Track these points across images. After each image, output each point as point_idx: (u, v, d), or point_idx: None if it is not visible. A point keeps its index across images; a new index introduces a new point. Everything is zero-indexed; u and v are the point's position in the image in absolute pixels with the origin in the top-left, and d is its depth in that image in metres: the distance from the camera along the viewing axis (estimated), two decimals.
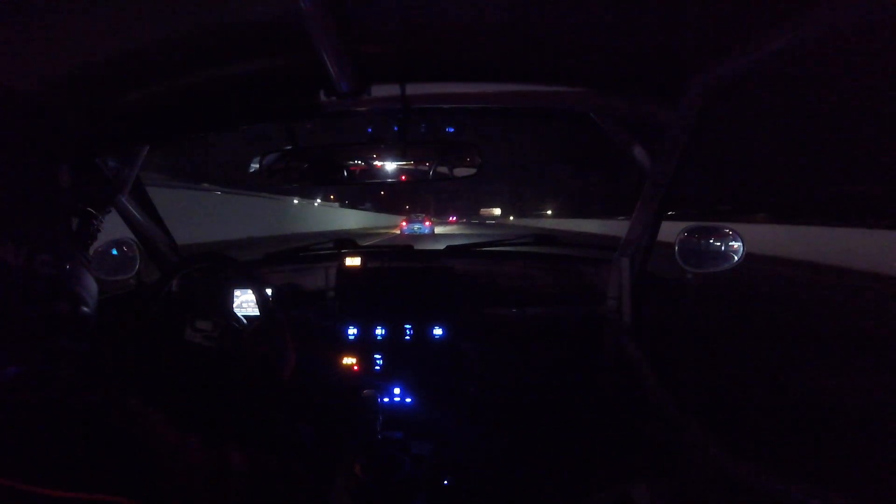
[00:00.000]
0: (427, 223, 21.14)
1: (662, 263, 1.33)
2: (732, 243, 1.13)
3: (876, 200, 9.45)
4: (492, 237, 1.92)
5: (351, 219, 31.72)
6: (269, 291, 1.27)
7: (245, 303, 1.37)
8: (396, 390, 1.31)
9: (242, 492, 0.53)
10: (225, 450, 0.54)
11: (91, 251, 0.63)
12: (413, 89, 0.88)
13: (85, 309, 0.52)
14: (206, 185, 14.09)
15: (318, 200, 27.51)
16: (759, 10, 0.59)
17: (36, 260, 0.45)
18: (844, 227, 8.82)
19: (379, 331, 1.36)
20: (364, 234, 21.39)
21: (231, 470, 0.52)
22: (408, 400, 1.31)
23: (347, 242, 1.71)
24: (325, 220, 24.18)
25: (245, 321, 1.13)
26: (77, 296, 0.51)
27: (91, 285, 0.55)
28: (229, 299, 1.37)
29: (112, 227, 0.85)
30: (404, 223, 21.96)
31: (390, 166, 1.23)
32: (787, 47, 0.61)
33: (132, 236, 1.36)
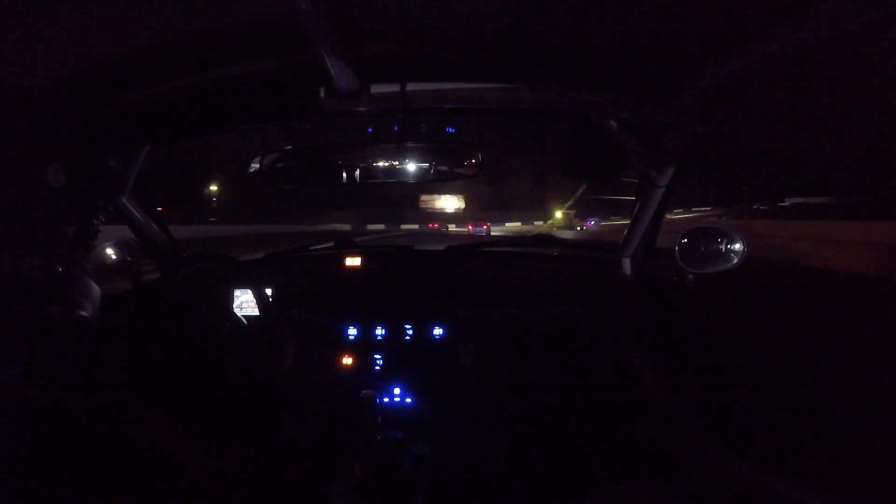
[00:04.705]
0: (485, 227, 27.48)
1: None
2: (733, 244, 1.13)
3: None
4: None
5: None
6: (269, 291, 1.27)
7: (245, 303, 1.37)
8: (396, 390, 1.31)
9: (242, 493, 0.53)
10: (224, 451, 0.54)
11: (91, 251, 0.63)
12: (413, 89, 0.88)
13: (81, 312, 0.51)
14: None
15: None
16: (760, 10, 0.59)
17: (23, 264, 0.44)
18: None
19: (379, 331, 1.36)
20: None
21: (230, 471, 0.52)
22: (408, 400, 1.31)
23: (347, 243, 1.71)
24: None
25: (245, 321, 1.13)
26: (71, 299, 0.50)
27: (90, 288, 0.53)
28: (229, 299, 1.37)
29: (112, 228, 0.85)
30: (471, 226, 27.95)
31: (390, 166, 1.23)
32: (788, 48, 0.61)
33: (132, 236, 1.36)
